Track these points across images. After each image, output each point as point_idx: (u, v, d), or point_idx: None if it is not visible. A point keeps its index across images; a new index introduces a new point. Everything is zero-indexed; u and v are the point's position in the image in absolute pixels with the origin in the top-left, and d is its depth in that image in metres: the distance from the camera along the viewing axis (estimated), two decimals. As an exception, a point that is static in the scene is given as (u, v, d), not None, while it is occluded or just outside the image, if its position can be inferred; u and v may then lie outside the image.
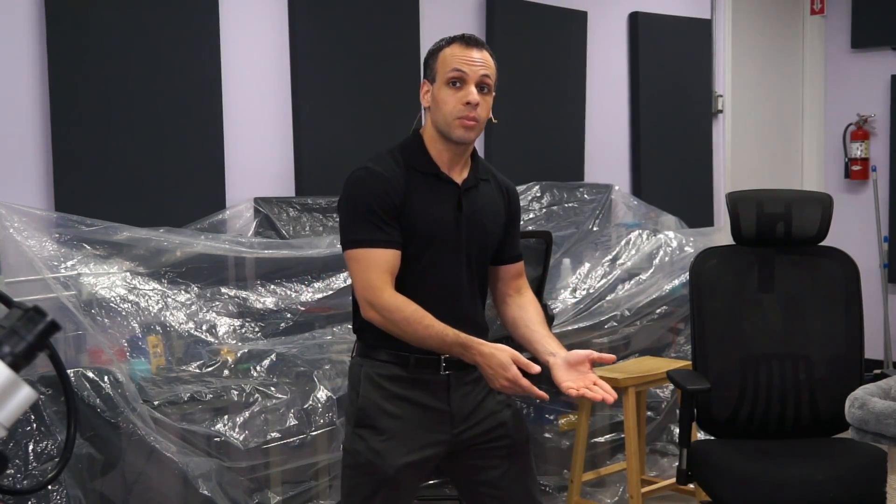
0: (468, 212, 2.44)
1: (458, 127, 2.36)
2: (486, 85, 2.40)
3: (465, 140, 2.39)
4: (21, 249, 2.99)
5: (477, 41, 2.43)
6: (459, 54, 2.39)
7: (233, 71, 3.69)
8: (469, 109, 2.35)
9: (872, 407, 2.27)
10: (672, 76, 5.47)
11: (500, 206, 2.54)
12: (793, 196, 3.47)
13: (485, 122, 2.43)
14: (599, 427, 4.38)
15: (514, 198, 2.61)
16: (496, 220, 2.51)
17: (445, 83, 2.38)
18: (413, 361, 2.41)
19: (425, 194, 2.41)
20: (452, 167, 2.44)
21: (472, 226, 2.45)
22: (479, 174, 2.50)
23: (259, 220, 3.62)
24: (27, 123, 3.19)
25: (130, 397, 2.84)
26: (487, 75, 2.39)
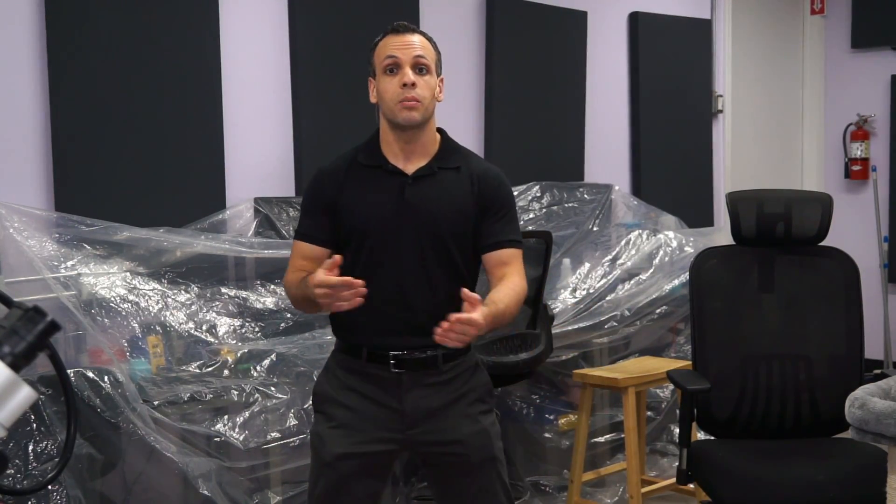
0: (413, 201, 2.41)
1: (400, 110, 2.40)
2: (423, 66, 2.42)
3: (409, 121, 2.39)
4: (21, 249, 2.99)
5: (407, 27, 2.49)
6: (391, 42, 2.46)
7: (233, 71, 3.69)
8: (407, 91, 2.38)
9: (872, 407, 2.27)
10: (672, 76, 5.47)
11: (464, 193, 2.46)
12: (793, 196, 3.47)
13: (430, 103, 2.43)
14: (599, 427, 4.38)
15: (489, 184, 2.49)
16: (455, 208, 2.44)
17: (383, 72, 2.45)
18: (365, 354, 2.44)
19: (364, 187, 2.45)
20: (408, 157, 2.45)
21: (419, 216, 2.41)
22: (442, 163, 2.46)
23: (259, 220, 3.62)
24: (27, 123, 3.19)
25: (130, 397, 2.84)
26: (422, 56, 2.42)
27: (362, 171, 2.47)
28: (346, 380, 2.46)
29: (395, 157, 2.46)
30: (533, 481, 4.18)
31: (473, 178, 2.48)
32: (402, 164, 2.45)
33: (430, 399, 2.43)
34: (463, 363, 2.50)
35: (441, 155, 2.48)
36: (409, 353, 2.42)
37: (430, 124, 2.47)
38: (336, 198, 2.44)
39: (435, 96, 2.45)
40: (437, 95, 2.47)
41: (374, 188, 2.44)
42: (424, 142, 2.46)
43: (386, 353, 2.41)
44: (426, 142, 2.47)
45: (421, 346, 2.40)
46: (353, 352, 2.46)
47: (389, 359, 2.41)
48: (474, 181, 2.48)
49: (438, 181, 2.45)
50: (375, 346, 2.42)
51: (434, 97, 2.44)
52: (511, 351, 3.52)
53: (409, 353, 2.42)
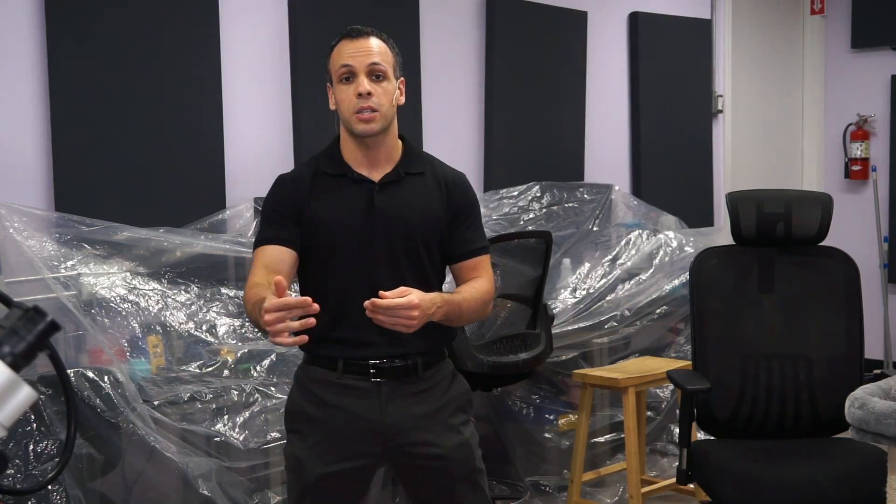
0: (383, 208, 2.35)
1: (356, 122, 2.32)
2: (379, 72, 2.33)
3: (367, 133, 2.32)
4: (21, 249, 2.99)
5: (361, 31, 2.37)
6: (345, 48, 2.36)
7: (233, 71, 3.69)
8: (363, 101, 2.30)
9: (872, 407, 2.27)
10: (672, 76, 5.47)
11: (433, 199, 2.40)
12: (793, 196, 3.47)
13: (388, 110, 2.34)
14: (599, 427, 4.38)
15: (458, 190, 2.44)
16: (426, 214, 2.38)
17: (339, 80, 2.36)
18: (341, 365, 2.35)
19: (330, 197, 2.37)
20: (372, 164, 2.38)
21: (388, 223, 2.35)
22: (407, 168, 2.40)
23: (259, 220, 3.61)
24: (27, 123, 3.19)
25: (130, 397, 2.84)
26: (377, 63, 2.33)
27: (326, 180, 2.39)
28: (321, 393, 2.37)
29: (359, 164, 2.39)
30: (533, 481, 4.18)
31: (441, 183, 2.43)
32: (366, 172, 2.38)
33: (411, 409, 2.36)
34: (441, 371, 2.45)
35: (405, 160, 2.42)
36: (388, 361, 2.35)
37: (391, 130, 2.39)
38: (303, 206, 2.36)
39: (393, 102, 2.36)
40: (398, 99, 2.38)
41: (341, 197, 2.37)
42: (387, 148, 2.39)
43: (365, 363, 2.34)
44: (388, 148, 2.39)
45: (400, 354, 2.35)
46: (328, 364, 2.37)
47: (369, 368, 2.34)
48: (443, 187, 2.42)
49: (405, 187, 2.39)
50: (352, 356, 2.34)
51: (392, 103, 2.35)
52: (511, 351, 3.52)
53: (389, 362, 2.35)
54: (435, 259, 2.42)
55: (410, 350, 2.34)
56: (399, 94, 2.40)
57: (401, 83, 2.41)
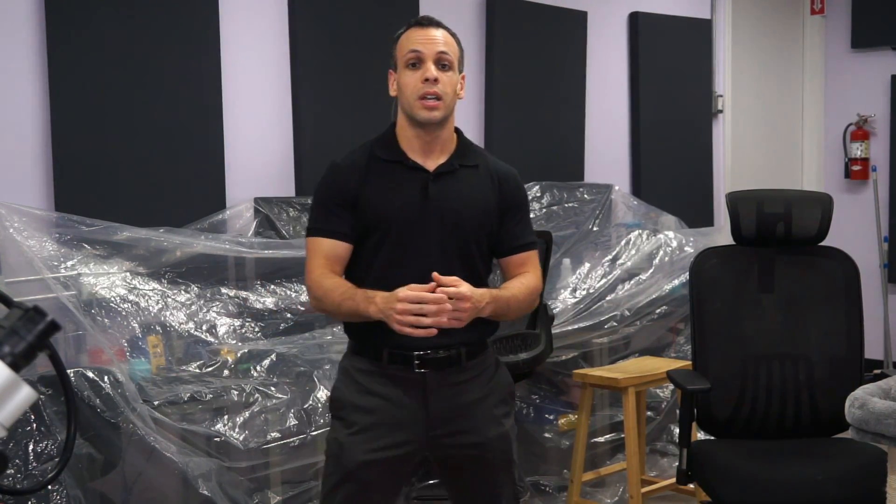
0: (437, 198, 2.37)
1: (420, 108, 2.35)
2: (446, 62, 2.38)
3: (429, 120, 2.36)
4: (21, 249, 2.99)
5: (432, 21, 2.45)
6: (415, 36, 2.42)
7: (233, 71, 3.69)
8: (429, 86, 2.33)
9: (872, 407, 2.27)
10: (672, 76, 5.47)
11: (485, 193, 2.43)
12: (793, 196, 3.47)
13: (451, 100, 2.39)
14: (599, 427, 4.38)
15: (510, 185, 2.48)
16: (477, 208, 2.41)
17: (405, 66, 2.40)
18: (386, 356, 2.38)
19: (384, 183, 2.39)
20: (427, 153, 2.41)
21: (443, 213, 2.37)
22: (461, 160, 2.43)
23: (259, 220, 3.62)
24: (27, 123, 3.19)
25: (130, 397, 2.84)
26: (445, 52, 2.38)
27: (382, 165, 2.41)
28: (367, 383, 2.39)
29: (414, 152, 2.42)
30: (533, 481, 4.18)
31: (494, 177, 2.46)
32: (421, 160, 2.41)
33: (455, 399, 2.39)
34: (485, 361, 2.47)
35: (460, 152, 2.45)
36: (432, 351, 2.36)
37: (449, 121, 2.43)
38: (358, 192, 2.39)
39: (456, 93, 2.41)
40: (459, 93, 2.44)
41: (396, 184, 2.40)
42: (444, 139, 2.43)
43: (409, 354, 2.35)
44: (445, 139, 2.43)
45: (445, 345, 2.35)
46: (373, 354, 2.39)
47: (413, 359, 2.35)
48: (495, 181, 2.46)
49: (459, 179, 2.42)
50: (397, 346, 2.35)
51: (455, 94, 2.41)
52: (511, 351, 3.52)
53: (433, 352, 2.36)
54: (484, 252, 2.45)
55: (455, 341, 2.35)
56: (460, 87, 2.44)
57: (462, 78, 2.46)
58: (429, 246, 2.36)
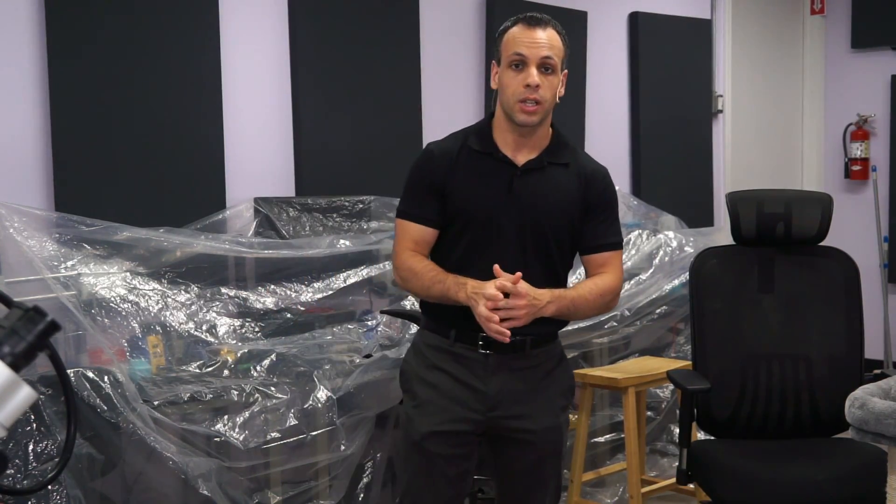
0: (522, 194, 2.43)
1: (519, 111, 2.39)
2: (549, 65, 2.40)
3: (527, 123, 2.41)
4: (21, 249, 2.99)
5: (540, 20, 2.44)
6: (521, 36, 2.42)
7: (233, 71, 3.69)
8: (529, 92, 2.37)
9: (872, 407, 2.27)
10: (672, 76, 5.47)
11: (571, 192, 2.48)
12: (793, 196, 3.47)
13: (550, 103, 2.43)
14: (599, 427, 4.38)
15: (597, 185, 2.52)
16: (561, 207, 2.46)
17: (508, 66, 2.43)
18: (453, 334, 2.46)
19: (472, 173, 2.45)
20: (519, 148, 2.47)
21: (523, 208, 2.43)
22: (552, 157, 2.48)
23: (259, 220, 3.62)
24: (27, 123, 3.19)
25: (130, 397, 2.84)
26: (549, 57, 2.39)
27: (473, 155, 2.47)
28: (434, 358, 2.50)
29: (507, 146, 2.47)
30: (533, 481, 4.18)
31: (581, 176, 2.50)
32: (512, 154, 2.46)
33: (515, 383, 2.46)
34: (549, 352, 2.54)
35: (552, 149, 2.50)
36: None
37: (546, 120, 2.48)
38: (446, 179, 2.45)
39: (556, 95, 2.45)
40: (559, 91, 2.47)
41: (483, 175, 2.45)
42: (538, 136, 2.48)
43: (475, 334, 2.42)
44: (540, 136, 2.49)
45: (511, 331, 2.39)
46: (442, 331, 2.49)
47: (478, 339, 2.42)
48: (582, 180, 2.50)
49: (547, 176, 2.47)
50: (464, 327, 2.42)
51: (555, 96, 2.44)
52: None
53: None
54: (564, 249, 2.51)
55: (521, 330, 2.39)
56: (561, 85, 2.47)
57: (564, 75, 2.49)
58: (508, 239, 2.43)
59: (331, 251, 3.54)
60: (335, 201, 3.79)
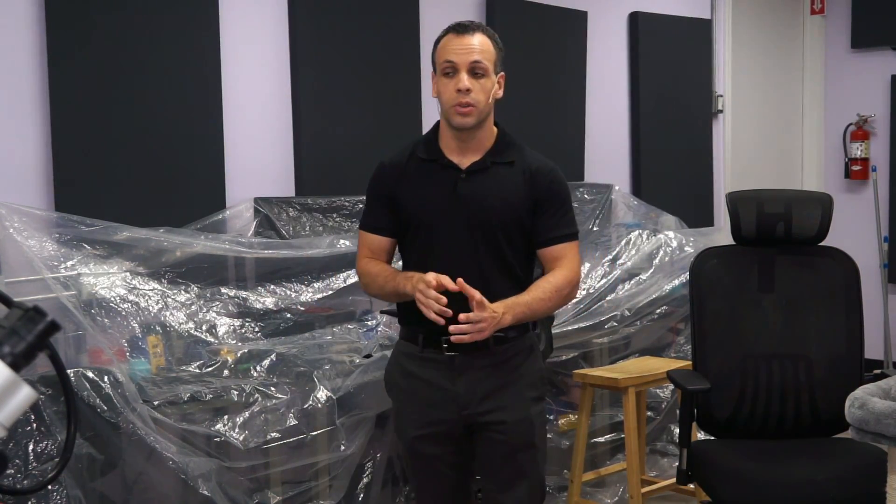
0: (467, 195, 2.51)
1: (454, 115, 2.48)
2: (480, 70, 2.48)
3: (463, 126, 2.49)
4: (21, 249, 2.99)
5: (468, 27, 2.52)
6: (450, 44, 2.51)
7: (233, 71, 3.69)
8: (461, 96, 2.45)
9: (872, 407, 2.27)
10: (672, 76, 5.47)
11: (517, 189, 2.54)
12: (793, 196, 3.47)
13: (484, 104, 2.49)
14: (599, 427, 4.38)
15: (543, 179, 2.58)
16: (508, 204, 2.53)
17: (441, 73, 2.51)
18: (422, 339, 2.56)
19: (420, 181, 2.55)
20: (464, 152, 2.54)
21: (471, 209, 2.51)
22: (496, 157, 2.55)
23: (259, 220, 3.62)
24: (27, 123, 3.19)
25: (130, 397, 2.84)
26: (478, 61, 2.47)
27: (420, 164, 2.57)
28: (408, 365, 2.61)
29: (452, 151, 2.55)
30: (533, 481, 4.17)
31: (527, 173, 2.56)
32: (457, 159, 2.55)
33: (484, 382, 2.54)
34: (515, 346, 2.60)
35: (496, 149, 2.56)
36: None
37: (486, 122, 2.54)
38: (396, 189, 2.57)
39: (490, 99, 2.51)
40: (496, 93, 2.54)
41: (430, 182, 2.55)
42: (480, 138, 2.55)
43: (439, 337, 2.49)
44: (482, 138, 2.55)
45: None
46: (412, 338, 2.61)
47: (443, 342, 2.49)
48: (527, 176, 2.56)
49: (491, 176, 2.54)
50: (430, 332, 2.51)
51: (489, 100, 2.50)
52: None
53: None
54: (518, 247, 2.58)
55: None
56: (497, 87, 2.53)
57: (500, 78, 2.57)
58: (459, 241, 2.51)
59: (331, 251, 3.54)
60: (335, 201, 3.79)
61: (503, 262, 2.55)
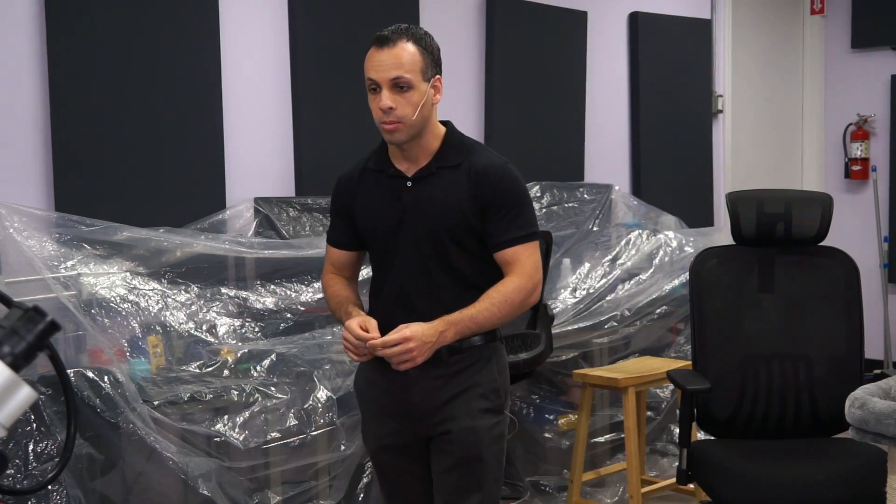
0: (411, 202, 2.44)
1: (383, 131, 2.41)
2: (403, 83, 2.35)
3: (392, 141, 2.42)
4: (21, 249, 2.99)
5: (387, 38, 2.40)
6: (371, 60, 2.42)
7: (233, 71, 3.69)
8: (385, 115, 2.36)
9: (872, 407, 2.27)
10: (672, 76, 5.47)
11: (461, 192, 2.41)
12: (793, 196, 3.47)
13: (413, 118, 2.36)
14: (599, 427, 4.38)
15: (489, 181, 2.42)
16: (453, 208, 2.41)
17: (368, 89, 2.43)
18: None
19: (371, 191, 2.51)
20: (411, 160, 2.47)
21: (416, 218, 2.43)
22: (441, 161, 2.44)
23: (259, 220, 3.62)
24: (27, 123, 3.19)
25: (130, 397, 2.84)
26: (398, 76, 2.35)
27: (371, 175, 2.52)
28: (371, 374, 2.54)
29: (399, 160, 2.49)
30: (533, 481, 4.18)
31: (472, 174, 2.42)
32: (404, 167, 2.48)
33: (437, 392, 2.46)
34: (471, 357, 2.47)
35: (441, 153, 2.46)
36: None
37: (426, 129, 2.43)
38: (350, 202, 2.54)
39: (417, 110, 2.37)
40: (432, 99, 2.43)
41: (379, 192, 2.50)
42: (423, 145, 2.45)
43: None
44: (424, 144, 2.45)
45: None
46: None
47: None
48: (472, 178, 2.42)
49: (436, 181, 2.44)
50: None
51: (416, 112, 2.37)
52: (511, 351, 3.51)
53: None
54: (471, 252, 2.45)
55: None
56: (434, 93, 2.43)
57: (436, 81, 2.44)
58: (408, 251, 2.45)
59: (331, 251, 3.53)
60: (335, 201, 3.78)
61: (454, 270, 2.43)
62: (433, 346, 2.34)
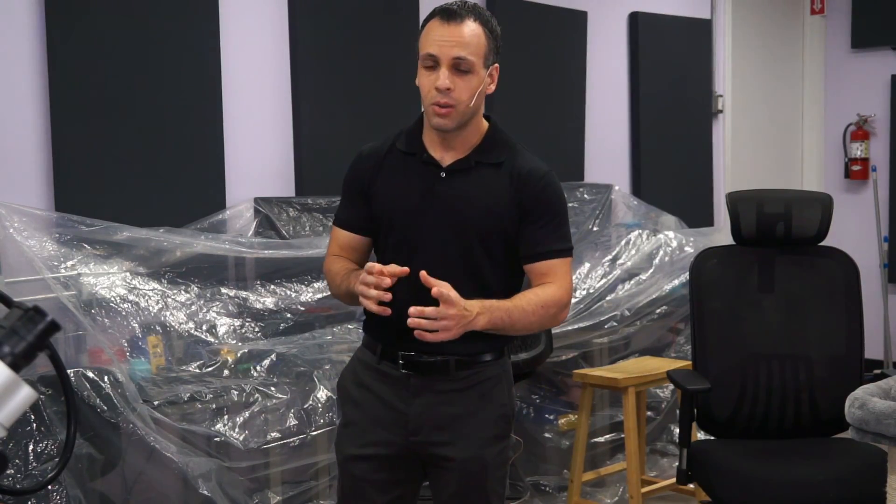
0: (444, 197, 2.24)
1: (432, 115, 2.20)
2: (465, 66, 2.16)
3: (440, 127, 2.20)
4: (21, 249, 2.99)
5: (456, 13, 2.17)
6: (433, 33, 2.18)
7: (233, 71, 3.69)
8: (440, 95, 2.16)
9: (872, 407, 2.27)
10: (672, 76, 5.47)
11: (501, 194, 2.24)
12: (793, 196, 3.47)
13: (467, 105, 2.19)
14: (599, 427, 4.39)
15: (533, 186, 2.25)
16: (490, 210, 2.24)
17: (422, 65, 2.21)
18: (380, 350, 2.31)
19: (396, 174, 2.29)
20: (447, 148, 2.27)
21: (445, 213, 2.23)
22: (482, 156, 2.26)
23: (259, 220, 3.62)
24: (27, 123, 3.19)
25: (130, 397, 2.84)
26: (462, 57, 2.15)
27: (399, 156, 2.30)
28: (362, 375, 2.34)
29: (434, 146, 2.27)
30: (533, 481, 4.18)
31: (514, 176, 2.25)
32: (439, 155, 2.27)
33: (440, 408, 2.27)
34: (482, 374, 2.30)
35: (483, 148, 2.27)
36: (417, 354, 2.25)
37: (470, 121, 2.25)
38: (371, 181, 2.30)
39: (474, 97, 2.19)
40: (487, 89, 2.23)
41: (407, 177, 2.27)
42: (465, 136, 2.25)
43: (396, 353, 2.27)
44: (467, 135, 2.26)
45: (431, 350, 2.22)
46: (371, 347, 2.33)
47: (399, 358, 2.26)
48: (514, 180, 2.25)
49: (475, 177, 2.25)
50: (388, 343, 2.28)
51: (472, 99, 2.19)
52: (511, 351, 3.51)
53: (418, 356, 2.25)
54: (497, 259, 2.27)
55: (446, 349, 2.21)
56: (490, 82, 2.25)
57: (493, 70, 2.25)
58: (430, 246, 2.23)
59: (331, 251, 3.53)
60: (335, 201, 3.76)
61: (477, 276, 2.23)
62: (468, 325, 2.11)
